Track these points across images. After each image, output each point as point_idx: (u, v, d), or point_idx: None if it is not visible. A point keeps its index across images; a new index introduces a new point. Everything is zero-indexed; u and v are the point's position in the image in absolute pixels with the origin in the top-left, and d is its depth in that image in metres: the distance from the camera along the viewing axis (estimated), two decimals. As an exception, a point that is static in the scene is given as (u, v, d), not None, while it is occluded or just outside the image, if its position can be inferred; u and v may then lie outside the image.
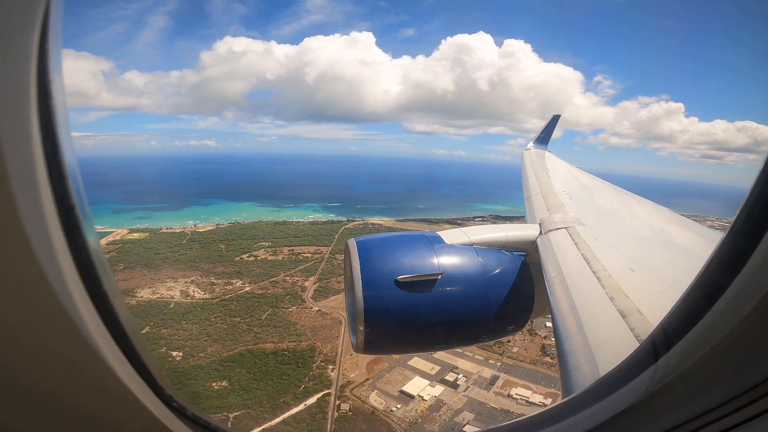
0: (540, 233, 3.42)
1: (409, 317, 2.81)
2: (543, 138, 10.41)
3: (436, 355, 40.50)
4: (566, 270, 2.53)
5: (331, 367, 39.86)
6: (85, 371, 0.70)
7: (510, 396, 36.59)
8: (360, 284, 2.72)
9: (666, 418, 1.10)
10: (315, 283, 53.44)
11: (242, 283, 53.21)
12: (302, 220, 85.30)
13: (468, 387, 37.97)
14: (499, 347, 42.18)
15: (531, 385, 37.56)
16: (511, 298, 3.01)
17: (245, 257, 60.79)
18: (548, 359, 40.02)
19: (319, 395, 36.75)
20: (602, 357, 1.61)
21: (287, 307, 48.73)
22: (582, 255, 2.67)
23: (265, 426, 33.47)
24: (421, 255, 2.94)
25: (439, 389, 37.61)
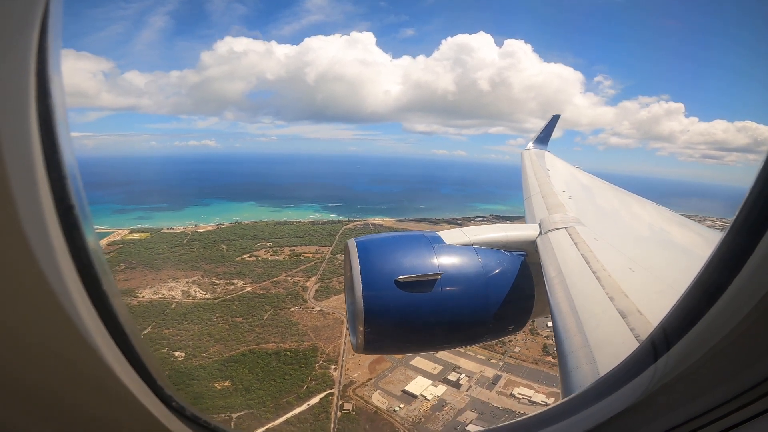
0: (540, 233, 3.40)
1: (409, 317, 2.80)
2: (543, 138, 10.36)
3: (439, 355, 40.52)
4: (566, 270, 2.52)
5: (334, 367, 39.86)
6: (85, 371, 0.70)
7: (512, 395, 36.65)
8: (360, 284, 2.71)
9: (666, 418, 1.09)
10: (316, 283, 53.43)
11: (244, 283, 53.16)
12: (303, 220, 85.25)
13: (470, 386, 38.01)
14: (501, 347, 42.22)
15: (533, 385, 37.62)
16: (511, 298, 2.99)
17: (246, 257, 60.74)
18: (550, 359, 40.03)
19: (322, 395, 36.75)
20: (602, 357, 1.60)
21: (289, 307, 48.71)
22: (582, 255, 2.66)
23: (269, 426, 33.48)
24: (421, 255, 2.93)
25: (442, 389, 37.66)
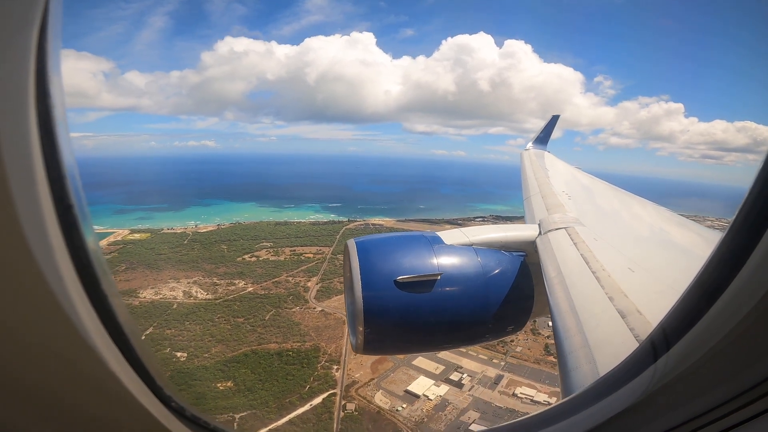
0: (539, 233, 3.39)
1: (409, 317, 2.80)
2: (542, 138, 10.30)
3: (441, 355, 40.54)
4: (565, 270, 2.52)
5: (336, 367, 39.86)
6: (84, 371, 0.70)
7: (515, 395, 36.70)
8: (359, 285, 2.70)
9: (665, 418, 1.09)
10: (317, 284, 53.41)
11: (245, 284, 53.13)
12: (303, 221, 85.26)
13: (473, 386, 38.04)
14: (503, 347, 42.27)
15: (535, 384, 37.68)
16: (511, 299, 2.99)
17: (247, 258, 60.69)
18: (552, 358, 40.10)
19: (325, 395, 36.75)
20: (602, 357, 1.60)
21: (290, 308, 48.67)
22: (581, 255, 2.66)
23: (271, 427, 33.46)
24: (421, 255, 2.93)
25: (444, 389, 37.69)
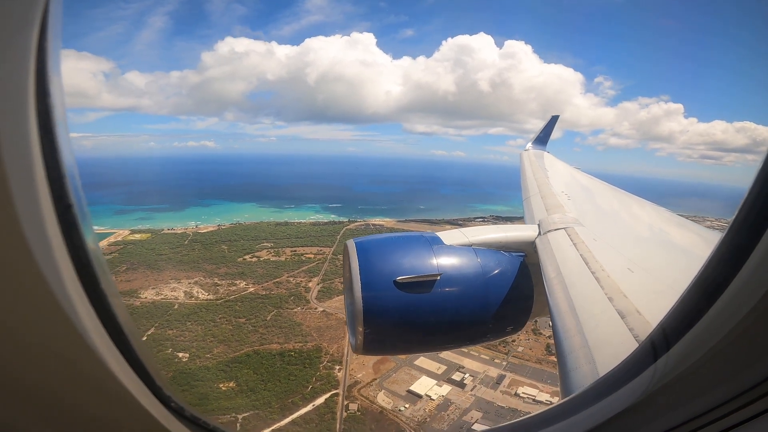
0: (539, 234, 3.39)
1: (408, 318, 2.80)
2: (542, 138, 10.30)
3: (442, 355, 40.56)
4: (565, 270, 2.52)
5: (338, 368, 39.86)
6: (83, 371, 0.69)
7: (517, 395, 36.76)
8: (359, 285, 2.71)
9: (665, 418, 1.09)
10: (319, 284, 53.43)
11: (246, 284, 53.13)
12: (304, 221, 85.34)
13: (475, 386, 38.11)
14: (505, 347, 42.33)
15: (537, 384, 37.74)
16: (510, 299, 3.00)
17: (248, 258, 60.69)
18: (553, 358, 39.75)
19: (327, 395, 36.77)
20: (601, 357, 1.60)
21: (292, 308, 48.65)
22: (581, 255, 2.66)
23: (274, 427, 33.44)
24: (420, 256, 2.93)
25: (447, 388, 37.74)
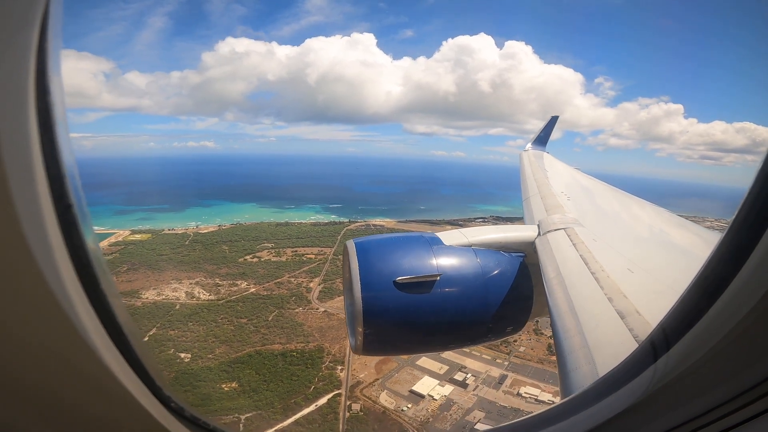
0: (538, 234, 3.39)
1: (408, 318, 2.80)
2: (542, 139, 10.31)
3: (444, 355, 40.59)
4: (565, 271, 2.52)
5: (340, 368, 39.87)
6: (83, 371, 0.69)
7: (519, 394, 36.83)
8: (359, 285, 2.71)
9: (666, 418, 1.09)
10: (320, 284, 53.44)
11: (247, 284, 53.13)
12: (304, 221, 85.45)
13: (477, 386, 38.16)
14: (506, 347, 42.37)
15: (539, 384, 37.78)
16: (510, 299, 3.00)
17: (249, 258, 60.71)
18: (555, 358, 40.14)
19: (330, 396, 36.78)
20: (601, 357, 1.61)
21: (293, 308, 48.65)
22: (580, 256, 2.66)
23: (278, 427, 33.42)
24: (420, 256, 2.93)
25: (449, 388, 37.79)
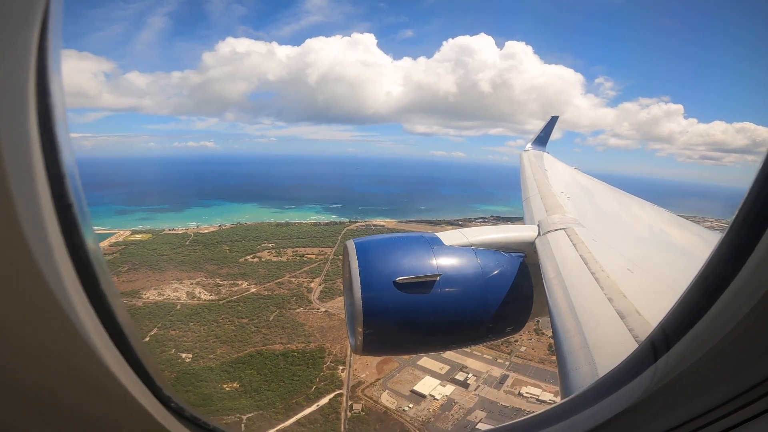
0: (538, 234, 3.39)
1: (408, 318, 2.81)
2: (542, 139, 10.30)
3: (446, 355, 40.62)
4: (565, 271, 2.52)
5: (342, 368, 39.87)
6: (83, 371, 0.69)
7: (520, 394, 36.86)
8: (359, 285, 2.71)
9: (666, 419, 1.09)
10: (321, 284, 53.44)
11: (248, 285, 53.11)
12: (305, 222, 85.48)
13: (478, 386, 38.19)
14: (507, 346, 42.42)
15: (540, 384, 37.82)
16: (510, 299, 3.00)
17: (249, 258, 60.72)
18: (556, 358, 40.21)
19: (331, 396, 36.78)
20: (601, 358, 1.61)
21: (294, 308, 48.65)
22: (580, 256, 2.66)
23: (279, 428, 33.42)
24: (420, 256, 2.94)
25: (450, 388, 37.82)
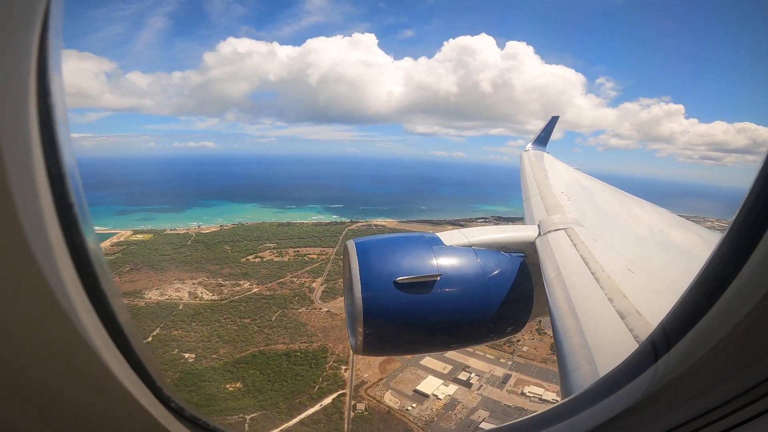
0: (539, 234, 3.39)
1: (408, 318, 2.81)
2: (542, 139, 10.29)
3: (448, 355, 40.67)
4: (565, 271, 2.52)
5: (344, 368, 39.93)
6: (83, 371, 0.69)
7: (523, 394, 36.94)
8: (359, 285, 2.71)
9: (666, 419, 1.09)
10: (322, 284, 53.51)
11: (250, 285, 53.19)
12: (306, 222, 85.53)
13: (481, 386, 38.26)
14: (509, 346, 42.47)
15: (543, 383, 37.89)
16: (510, 299, 3.00)
17: (251, 258, 60.78)
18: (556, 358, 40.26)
19: (334, 395, 36.86)
20: (601, 358, 1.61)
21: (296, 308, 48.74)
22: (581, 256, 2.66)
23: (283, 428, 33.46)
24: (420, 256, 2.94)
25: (453, 388, 37.89)
